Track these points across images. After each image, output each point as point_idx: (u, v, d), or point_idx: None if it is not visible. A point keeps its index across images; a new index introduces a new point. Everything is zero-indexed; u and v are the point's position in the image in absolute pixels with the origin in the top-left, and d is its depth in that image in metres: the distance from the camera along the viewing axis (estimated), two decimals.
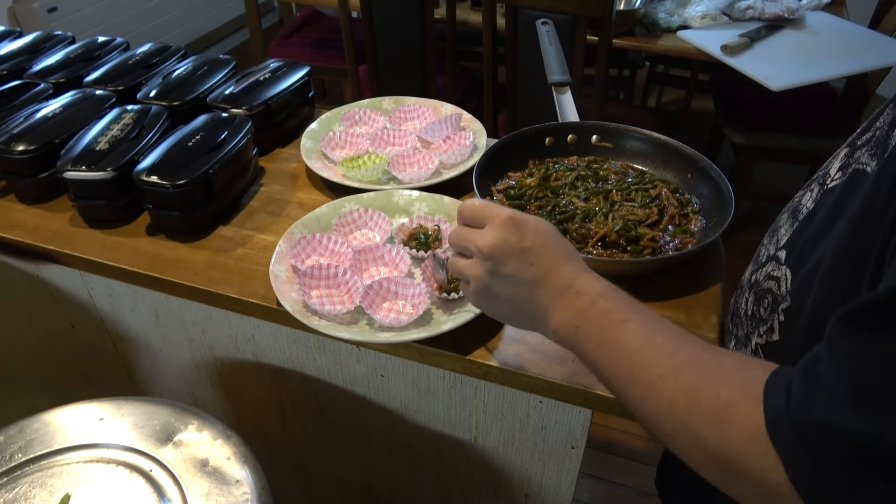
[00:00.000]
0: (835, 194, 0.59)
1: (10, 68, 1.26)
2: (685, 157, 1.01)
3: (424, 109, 1.22)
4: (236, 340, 1.02)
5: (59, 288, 1.10)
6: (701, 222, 0.95)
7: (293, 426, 1.13)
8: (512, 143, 1.05)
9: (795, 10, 2.08)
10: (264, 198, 1.07)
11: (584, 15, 1.84)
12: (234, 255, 0.95)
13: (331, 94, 3.46)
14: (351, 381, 0.98)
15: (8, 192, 1.09)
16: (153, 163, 0.96)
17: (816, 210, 0.62)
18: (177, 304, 1.02)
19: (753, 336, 0.66)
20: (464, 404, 0.92)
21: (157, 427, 0.83)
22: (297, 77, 1.22)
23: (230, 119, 1.07)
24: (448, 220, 0.95)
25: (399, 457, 1.07)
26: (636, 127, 1.08)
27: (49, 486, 0.77)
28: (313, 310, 0.83)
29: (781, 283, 0.62)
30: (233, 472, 0.78)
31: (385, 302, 0.85)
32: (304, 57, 2.70)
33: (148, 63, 1.27)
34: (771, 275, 0.65)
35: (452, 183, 1.04)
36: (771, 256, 0.67)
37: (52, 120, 1.08)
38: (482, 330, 0.81)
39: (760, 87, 1.82)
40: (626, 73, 3.13)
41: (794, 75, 1.84)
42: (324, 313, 0.82)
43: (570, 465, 0.91)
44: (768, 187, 2.59)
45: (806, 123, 2.25)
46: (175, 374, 1.16)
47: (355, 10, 2.28)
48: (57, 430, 0.83)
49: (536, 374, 0.77)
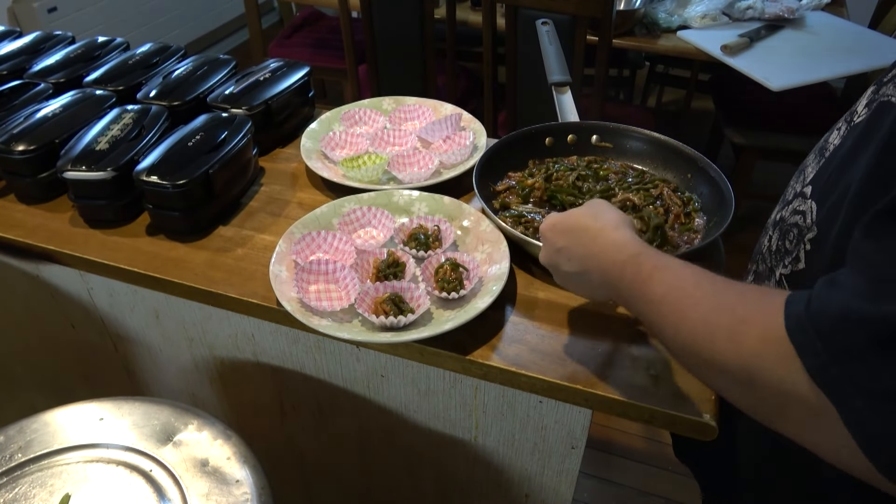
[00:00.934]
0: (860, 127, 0.60)
1: (10, 68, 1.26)
2: (685, 157, 1.01)
3: (424, 109, 1.22)
4: (236, 340, 1.02)
5: (60, 288, 1.10)
6: (702, 221, 0.95)
7: (293, 426, 1.13)
8: (512, 143, 1.06)
9: (795, 10, 2.08)
10: (264, 198, 1.07)
11: (584, 15, 1.84)
12: (234, 255, 0.95)
13: (331, 94, 3.46)
14: (351, 381, 0.98)
15: (8, 192, 1.09)
16: (153, 163, 0.96)
17: (843, 145, 0.63)
18: (177, 304, 1.02)
19: (778, 268, 0.68)
20: (464, 404, 0.92)
21: (157, 427, 0.83)
22: (297, 77, 1.22)
23: (230, 119, 1.07)
24: (448, 219, 0.95)
25: (399, 457, 1.07)
26: (636, 127, 1.08)
27: (49, 486, 0.77)
28: (310, 306, 0.82)
29: (807, 216, 0.63)
30: (233, 472, 0.78)
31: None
32: (304, 57, 2.70)
33: (148, 63, 1.27)
34: (797, 209, 0.66)
35: (452, 183, 1.04)
36: (797, 193, 0.68)
37: (52, 120, 1.08)
38: (482, 330, 0.82)
39: (760, 87, 1.82)
40: (626, 73, 3.13)
41: (794, 75, 1.84)
42: (320, 309, 0.82)
43: (570, 465, 0.91)
44: (768, 187, 2.59)
45: (806, 123, 2.25)
46: (175, 374, 1.16)
47: (355, 10, 2.28)
48: (57, 430, 0.83)
49: (536, 374, 0.77)
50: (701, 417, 0.72)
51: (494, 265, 0.87)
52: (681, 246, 0.91)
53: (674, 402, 0.73)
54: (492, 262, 0.89)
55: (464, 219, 0.97)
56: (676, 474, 1.74)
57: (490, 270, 0.87)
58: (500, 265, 0.87)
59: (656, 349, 0.79)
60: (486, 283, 0.86)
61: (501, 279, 0.84)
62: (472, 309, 0.81)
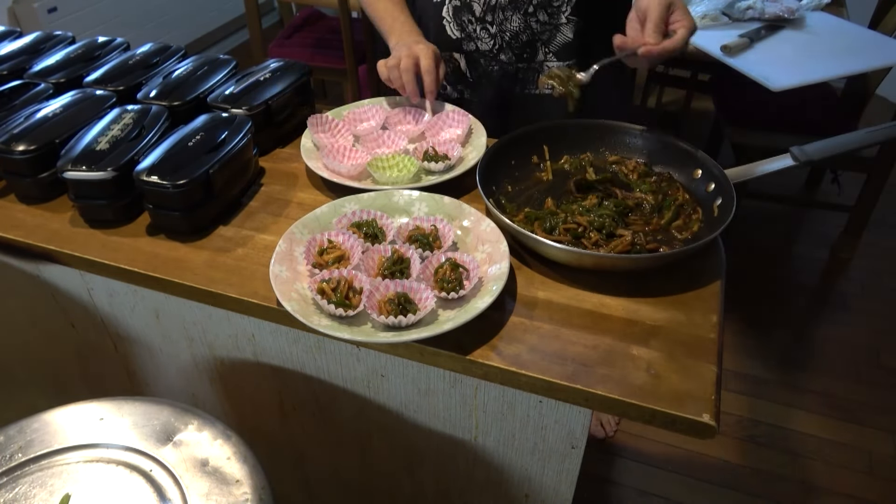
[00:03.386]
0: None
1: (11, 68, 1.26)
2: (689, 156, 1.01)
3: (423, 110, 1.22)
4: (236, 340, 1.02)
5: (60, 288, 1.10)
6: (703, 221, 0.95)
7: (293, 426, 1.13)
8: (516, 141, 1.06)
9: (795, 11, 2.08)
10: (264, 198, 1.07)
11: None
12: (234, 255, 0.95)
13: (331, 94, 3.46)
14: (351, 381, 0.98)
15: (8, 192, 1.09)
16: (153, 163, 0.96)
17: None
18: (177, 304, 1.02)
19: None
20: (464, 404, 0.92)
21: (157, 427, 0.83)
22: (297, 77, 1.22)
23: (230, 119, 1.07)
24: (448, 219, 0.95)
25: (399, 457, 1.07)
26: (636, 126, 1.08)
27: (49, 486, 0.77)
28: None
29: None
30: (233, 472, 0.78)
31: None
32: (304, 57, 2.70)
33: (148, 63, 1.27)
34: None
35: (452, 183, 1.04)
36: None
37: (53, 120, 1.08)
38: (482, 330, 0.82)
39: (760, 87, 1.82)
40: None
41: (794, 75, 1.84)
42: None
43: (570, 465, 0.91)
44: (768, 187, 2.59)
45: (806, 123, 2.25)
46: (175, 373, 1.16)
47: (355, 10, 2.28)
48: (57, 430, 0.83)
49: (536, 374, 0.77)
50: (701, 417, 0.72)
51: (494, 265, 0.88)
52: (681, 245, 0.91)
53: (674, 402, 0.73)
54: (492, 261, 0.89)
55: (464, 219, 0.97)
56: (676, 474, 1.74)
57: (490, 270, 0.87)
58: (499, 265, 0.87)
59: (656, 349, 0.79)
60: (485, 283, 0.86)
61: (501, 279, 0.84)
62: (472, 309, 0.81)
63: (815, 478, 1.72)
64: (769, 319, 2.20)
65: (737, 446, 1.80)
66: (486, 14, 1.15)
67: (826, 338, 2.13)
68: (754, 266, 2.42)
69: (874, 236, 2.50)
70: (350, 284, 0.85)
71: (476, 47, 1.21)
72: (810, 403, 1.91)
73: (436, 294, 0.84)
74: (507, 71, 1.23)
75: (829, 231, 2.53)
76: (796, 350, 2.09)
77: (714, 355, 0.78)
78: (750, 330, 2.16)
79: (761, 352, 2.08)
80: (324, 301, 0.82)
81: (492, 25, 1.15)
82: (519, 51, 1.19)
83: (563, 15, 1.14)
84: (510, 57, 1.20)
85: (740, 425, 1.86)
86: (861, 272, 2.38)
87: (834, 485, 1.71)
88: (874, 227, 2.49)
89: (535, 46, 1.19)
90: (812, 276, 2.41)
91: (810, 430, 1.84)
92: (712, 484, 1.72)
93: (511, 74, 1.23)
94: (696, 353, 0.79)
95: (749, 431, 1.84)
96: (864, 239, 2.45)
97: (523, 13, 1.15)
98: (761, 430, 1.85)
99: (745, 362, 2.04)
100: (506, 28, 1.16)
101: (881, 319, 2.19)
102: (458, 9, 1.18)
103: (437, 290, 0.85)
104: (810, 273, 2.42)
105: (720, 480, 1.73)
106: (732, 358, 2.04)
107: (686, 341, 0.80)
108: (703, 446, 1.79)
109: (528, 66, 1.21)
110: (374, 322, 0.82)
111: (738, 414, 1.89)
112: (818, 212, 2.67)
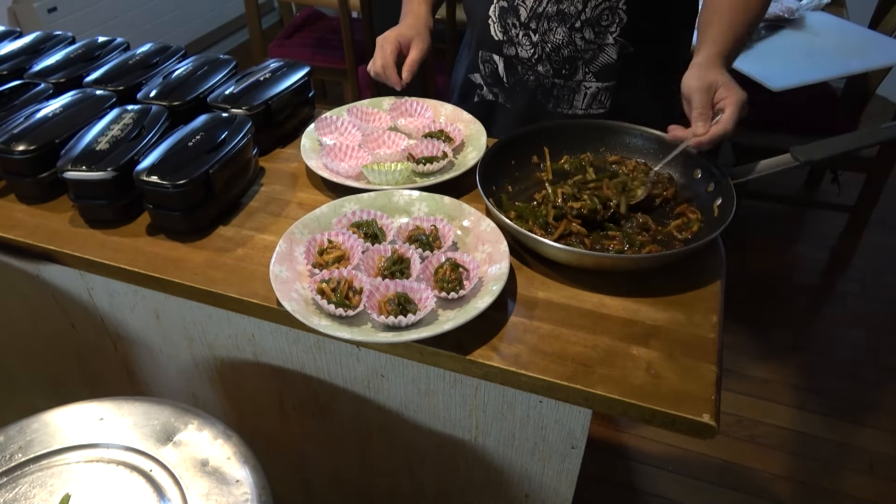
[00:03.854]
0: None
1: (11, 68, 1.26)
2: (689, 156, 1.01)
3: (424, 109, 1.22)
4: (236, 340, 1.02)
5: (60, 288, 1.10)
6: (702, 220, 0.95)
7: (293, 426, 1.13)
8: (516, 141, 1.06)
9: (795, 11, 2.08)
10: (264, 198, 1.07)
11: None
12: (234, 255, 0.95)
13: (331, 95, 3.46)
14: (351, 381, 0.98)
15: (8, 192, 1.09)
16: (153, 163, 0.96)
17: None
18: (177, 304, 1.02)
19: None
20: (464, 404, 0.92)
21: (157, 427, 0.83)
22: (297, 77, 1.22)
23: (230, 119, 1.07)
24: (448, 220, 0.95)
25: (399, 456, 1.07)
26: (636, 126, 1.08)
27: (49, 486, 0.77)
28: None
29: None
30: (233, 472, 0.78)
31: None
32: (304, 57, 2.70)
33: (148, 63, 1.27)
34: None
35: (452, 183, 1.04)
36: None
37: (53, 120, 1.08)
38: (482, 330, 0.82)
39: (760, 87, 1.82)
40: None
41: (794, 75, 1.84)
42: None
43: (570, 465, 0.91)
44: (768, 187, 2.59)
45: (806, 123, 2.24)
46: (175, 374, 1.16)
47: (355, 10, 2.28)
48: (57, 430, 0.83)
49: (536, 374, 0.77)
50: (701, 417, 0.72)
51: (494, 265, 0.88)
52: (681, 245, 0.91)
53: (674, 402, 0.73)
54: (492, 261, 0.89)
55: (464, 219, 0.97)
56: (676, 474, 1.74)
57: (490, 270, 0.87)
58: (499, 265, 0.87)
59: (656, 349, 0.79)
60: (485, 283, 0.86)
61: (501, 279, 0.84)
62: (472, 309, 0.81)
63: (815, 478, 1.73)
64: (769, 319, 2.20)
65: (737, 446, 1.80)
66: (530, 21, 1.13)
67: (826, 338, 2.13)
68: (754, 266, 2.42)
69: (874, 236, 2.50)
70: (350, 284, 0.85)
71: (516, 52, 1.19)
72: (810, 403, 1.91)
73: (436, 294, 0.84)
74: (544, 84, 1.19)
75: (829, 231, 2.53)
76: (796, 350, 2.09)
77: (714, 355, 0.78)
78: (750, 330, 2.16)
79: (761, 352, 2.08)
80: (324, 301, 0.82)
81: (535, 33, 1.13)
82: (558, 65, 1.16)
83: (611, 35, 1.11)
84: (548, 69, 1.17)
85: (740, 425, 1.86)
86: (861, 272, 2.38)
87: (834, 485, 1.71)
88: (874, 227, 2.49)
89: (575, 64, 1.15)
90: (812, 276, 2.41)
91: (810, 430, 1.84)
92: (712, 484, 1.72)
93: (547, 89, 1.20)
94: (696, 353, 0.79)
95: (749, 431, 1.84)
96: (864, 239, 2.45)
97: (569, 27, 1.11)
98: (761, 430, 1.85)
99: (745, 362, 2.04)
100: (548, 39, 1.13)
101: (881, 319, 2.19)
102: (504, 10, 1.16)
103: (437, 290, 0.85)
104: (810, 273, 2.42)
105: (720, 480, 1.73)
106: (732, 358, 2.04)
107: (686, 341, 0.80)
108: (703, 446, 1.79)
109: (565, 84, 1.18)
110: (374, 322, 0.82)
111: (738, 414, 1.89)
112: (818, 212, 2.67)
